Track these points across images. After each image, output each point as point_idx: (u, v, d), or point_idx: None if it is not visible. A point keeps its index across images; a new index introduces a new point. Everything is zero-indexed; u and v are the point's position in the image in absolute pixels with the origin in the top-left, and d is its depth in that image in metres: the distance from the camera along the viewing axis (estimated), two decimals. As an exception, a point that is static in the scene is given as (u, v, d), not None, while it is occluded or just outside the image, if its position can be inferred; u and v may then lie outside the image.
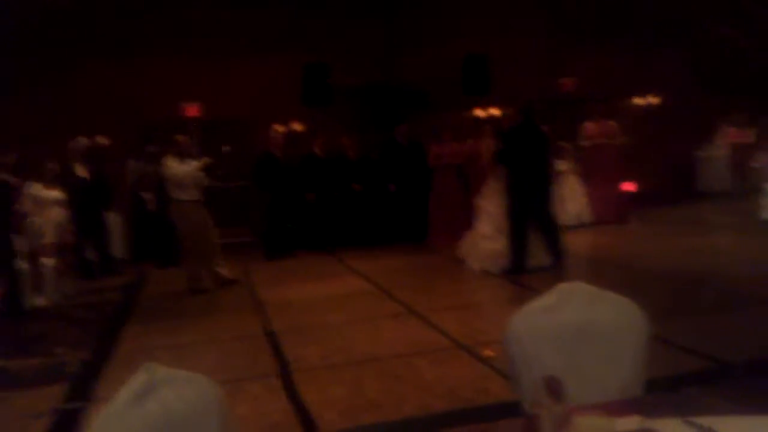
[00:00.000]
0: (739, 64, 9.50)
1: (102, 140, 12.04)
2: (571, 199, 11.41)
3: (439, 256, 10.09)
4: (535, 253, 8.12)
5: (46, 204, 8.79)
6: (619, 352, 1.66)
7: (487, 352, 5.05)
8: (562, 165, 11.32)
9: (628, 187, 11.91)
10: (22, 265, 8.01)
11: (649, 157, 12.97)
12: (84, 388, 5.13)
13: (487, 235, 8.50)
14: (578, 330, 1.65)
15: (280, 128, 12.12)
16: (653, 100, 14.37)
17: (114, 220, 11.11)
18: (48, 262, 8.45)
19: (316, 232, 11.28)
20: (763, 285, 6.42)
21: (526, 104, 8.41)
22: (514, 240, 8.04)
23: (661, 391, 3.75)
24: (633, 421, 1.36)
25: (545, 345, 1.65)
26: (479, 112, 13.37)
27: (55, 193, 9.03)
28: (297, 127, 12.75)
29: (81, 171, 10.06)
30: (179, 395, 1.27)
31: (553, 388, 1.44)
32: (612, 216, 11.50)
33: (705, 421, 1.29)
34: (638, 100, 14.36)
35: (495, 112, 13.40)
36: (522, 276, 7.83)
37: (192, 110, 12.46)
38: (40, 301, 8.25)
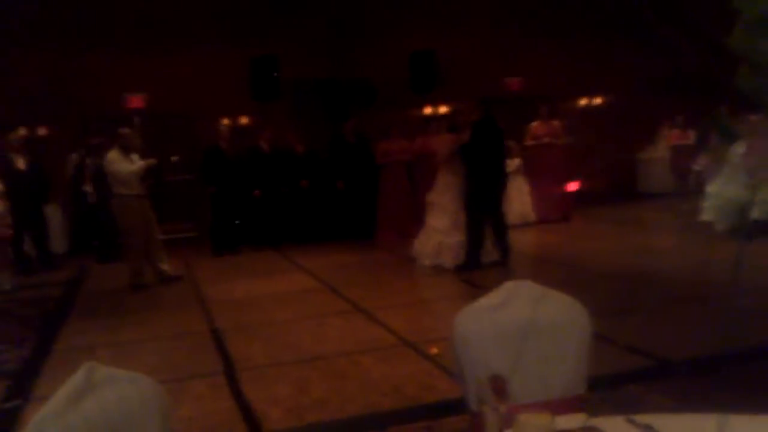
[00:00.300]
0: (681, 65, 9.72)
1: (42, 131, 11.74)
2: (517, 198, 11.53)
3: (386, 253, 10.11)
4: (488, 248, 8.22)
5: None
6: (563, 350, 1.69)
7: (434, 350, 5.08)
8: (509, 164, 11.44)
9: (572, 186, 12.11)
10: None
11: (592, 157, 13.23)
12: (22, 385, 4.99)
13: (440, 229, 8.49)
14: (523, 329, 1.67)
15: (226, 121, 11.99)
16: (597, 100, 14.64)
17: (53, 213, 10.82)
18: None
19: (263, 227, 11.17)
20: (703, 285, 6.60)
21: (485, 100, 8.46)
22: (472, 235, 8.10)
23: (603, 389, 3.83)
24: (576, 418, 1.38)
25: (490, 343, 1.67)
26: (427, 109, 13.44)
27: (-8, 186, 8.77)
28: (245, 120, 12.62)
29: (20, 163, 9.78)
30: (119, 396, 1.24)
31: (498, 386, 1.45)
32: (555, 215, 11.68)
33: (646, 419, 1.32)
34: (583, 101, 14.61)
35: (443, 109, 13.50)
36: (470, 273, 7.90)
37: (136, 102, 12.23)
38: (-25, 296, 8.00)
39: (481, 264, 8.07)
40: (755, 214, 1.26)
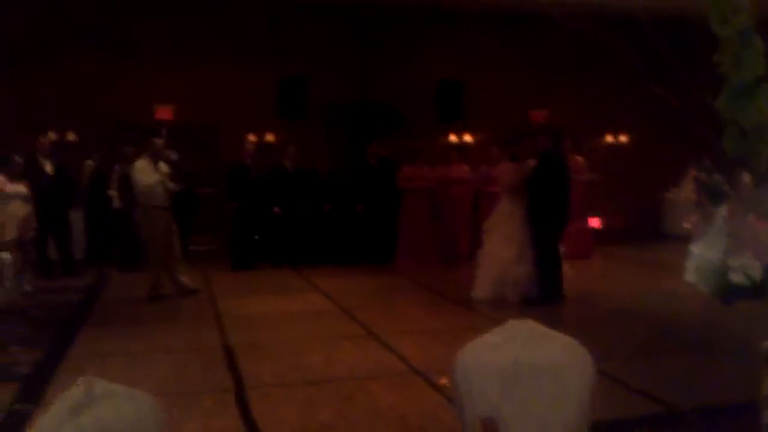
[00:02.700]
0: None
1: (71, 137, 11.91)
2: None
3: (403, 279, 10.10)
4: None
5: (9, 198, 8.65)
6: (564, 392, 1.68)
7: (443, 380, 5.05)
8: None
9: (594, 223, 12.02)
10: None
11: (616, 195, 13.15)
12: (33, 390, 5.03)
13: (506, 258, 8.03)
14: (522, 368, 1.67)
15: (252, 137, 12.10)
16: (623, 138, 14.56)
17: (76, 219, 10.91)
18: (7, 257, 8.28)
19: (282, 246, 11.22)
20: (718, 332, 6.50)
21: (552, 130, 8.26)
22: (548, 267, 7.84)
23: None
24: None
25: (490, 381, 1.67)
26: (452, 138, 13.48)
27: (20, 188, 8.90)
28: (270, 137, 12.72)
29: (47, 166, 9.92)
30: (116, 411, 1.26)
31: (489, 429, 1.45)
32: (576, 252, 11.54)
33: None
34: (608, 138, 14.55)
35: (467, 138, 13.53)
36: (480, 304, 7.88)
37: (165, 113, 12.34)
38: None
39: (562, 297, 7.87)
40: (734, 278, 1.25)
